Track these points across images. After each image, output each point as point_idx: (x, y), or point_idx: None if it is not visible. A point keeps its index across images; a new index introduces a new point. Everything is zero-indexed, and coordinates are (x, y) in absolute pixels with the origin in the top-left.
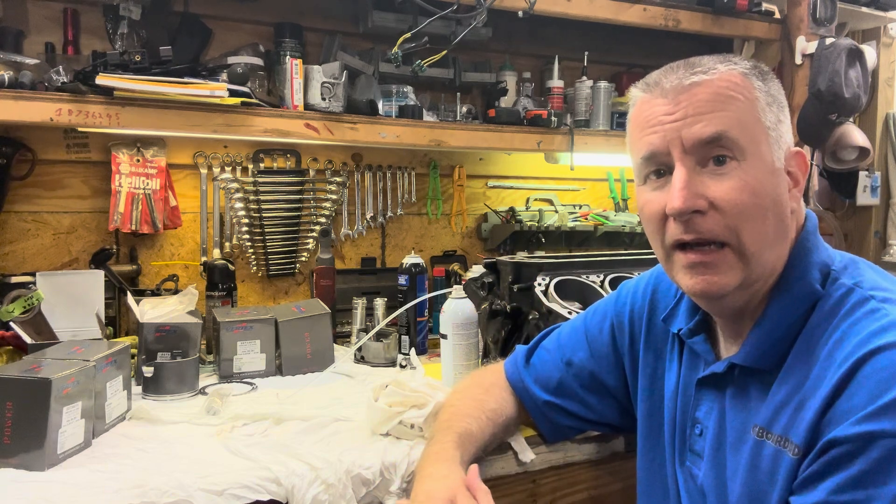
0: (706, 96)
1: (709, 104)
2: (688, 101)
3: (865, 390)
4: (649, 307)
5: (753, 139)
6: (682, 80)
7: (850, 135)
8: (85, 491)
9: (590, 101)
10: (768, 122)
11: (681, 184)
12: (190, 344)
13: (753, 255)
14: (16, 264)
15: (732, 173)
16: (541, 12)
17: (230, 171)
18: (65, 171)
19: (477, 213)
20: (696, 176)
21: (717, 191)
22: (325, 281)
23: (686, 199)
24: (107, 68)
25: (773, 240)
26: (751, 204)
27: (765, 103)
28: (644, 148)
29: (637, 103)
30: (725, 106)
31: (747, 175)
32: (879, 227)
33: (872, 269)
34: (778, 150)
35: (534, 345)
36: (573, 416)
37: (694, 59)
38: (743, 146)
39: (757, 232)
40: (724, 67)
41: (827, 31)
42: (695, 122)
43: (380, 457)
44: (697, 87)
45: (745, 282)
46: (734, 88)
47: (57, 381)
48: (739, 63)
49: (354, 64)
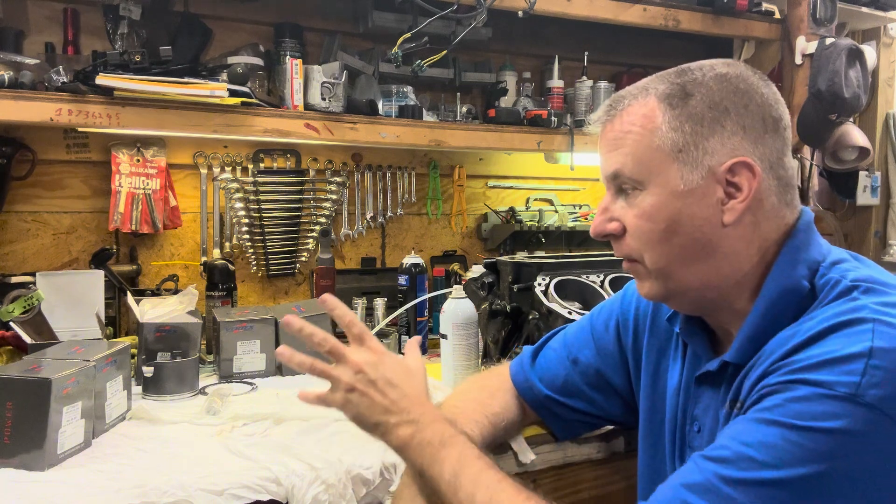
0: (612, 135)
1: (612, 143)
2: (604, 139)
3: (808, 353)
4: (654, 306)
5: (650, 169)
6: (601, 118)
7: (850, 135)
8: (85, 491)
9: (590, 101)
10: (675, 146)
11: (599, 210)
12: (190, 344)
13: (661, 271)
14: (16, 264)
15: (634, 201)
16: (541, 12)
17: (230, 171)
18: (65, 171)
19: (477, 213)
20: (615, 202)
21: (626, 216)
22: (325, 281)
23: (596, 225)
24: (107, 68)
25: (685, 258)
26: (647, 229)
27: (669, 129)
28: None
29: None
30: (622, 143)
31: (644, 202)
32: (879, 227)
33: (866, 265)
34: (692, 171)
35: (540, 345)
36: (580, 413)
37: (627, 88)
38: (638, 178)
39: (658, 253)
40: (640, 99)
41: (827, 31)
42: (605, 159)
43: (380, 457)
44: (609, 124)
45: (672, 291)
46: (635, 122)
47: (57, 381)
48: (660, 87)
49: (354, 64)
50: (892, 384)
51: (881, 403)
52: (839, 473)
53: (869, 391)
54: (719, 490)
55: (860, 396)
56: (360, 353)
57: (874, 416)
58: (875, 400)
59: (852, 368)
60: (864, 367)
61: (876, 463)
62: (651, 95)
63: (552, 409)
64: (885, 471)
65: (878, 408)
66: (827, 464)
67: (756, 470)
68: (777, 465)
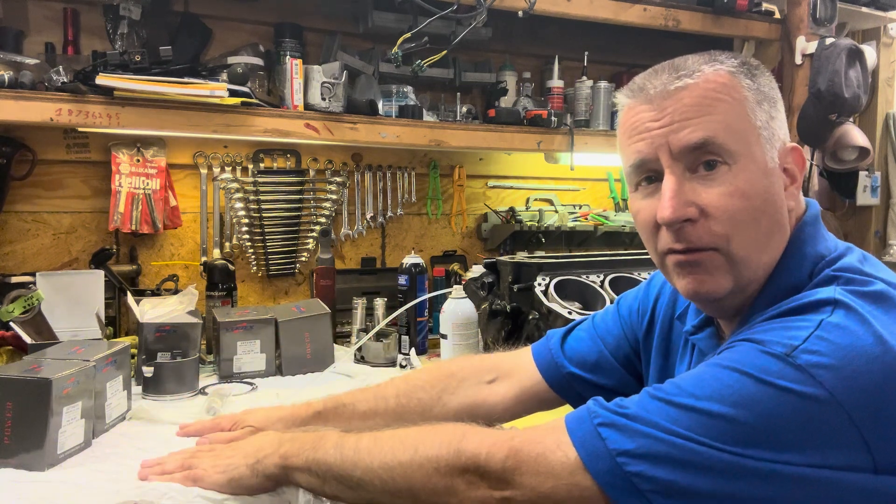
0: (692, 100)
1: (694, 108)
2: (673, 108)
3: (766, 327)
4: (670, 301)
5: (743, 141)
6: (666, 85)
7: (850, 135)
8: (85, 491)
9: (590, 101)
10: (759, 122)
11: (670, 193)
12: (190, 344)
13: (743, 259)
14: (16, 264)
15: (722, 178)
16: (541, 12)
17: (230, 171)
18: (65, 171)
19: (477, 213)
20: (685, 183)
21: (707, 197)
22: (325, 281)
23: (675, 209)
24: (107, 68)
25: (766, 242)
26: (741, 208)
27: (754, 102)
28: (632, 156)
29: (625, 109)
30: (712, 110)
31: (737, 179)
32: (879, 227)
33: (868, 260)
34: (771, 149)
35: (568, 329)
36: (603, 391)
37: (679, 60)
38: (732, 150)
39: (747, 237)
40: (710, 68)
41: (827, 31)
42: (681, 127)
43: None
44: (683, 92)
45: (737, 286)
46: (721, 90)
47: (57, 381)
48: (726, 62)
49: (354, 64)
50: (832, 356)
51: (812, 369)
52: (756, 422)
53: (803, 355)
54: (643, 400)
55: (793, 357)
56: None
57: (803, 377)
58: (807, 364)
59: (795, 335)
60: (808, 335)
61: (794, 423)
62: (723, 68)
63: (575, 388)
64: (799, 432)
65: (807, 371)
66: (747, 410)
67: (682, 397)
68: (700, 396)
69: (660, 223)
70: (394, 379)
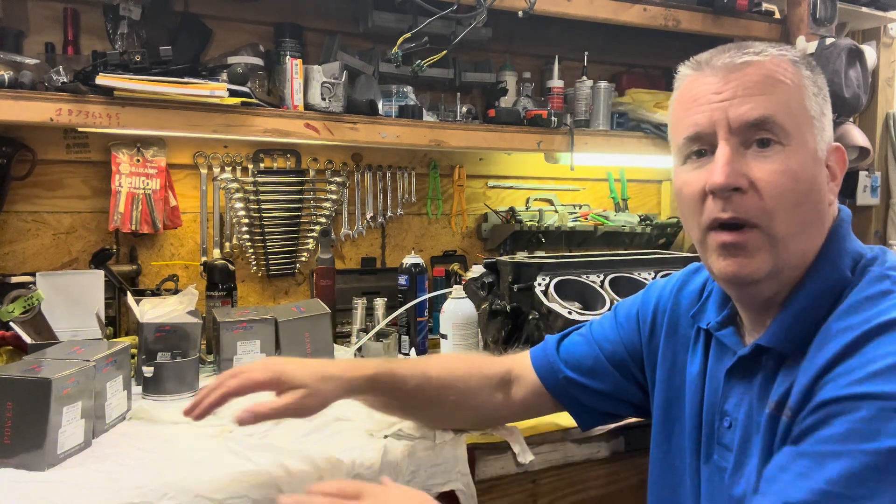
0: (757, 77)
1: (758, 86)
2: (738, 81)
3: (862, 358)
4: (674, 303)
5: (799, 125)
6: (733, 58)
7: (850, 135)
8: (85, 491)
9: (590, 101)
10: (814, 112)
11: (724, 160)
12: (190, 344)
13: (783, 239)
14: (16, 264)
15: (776, 156)
16: (541, 12)
17: (230, 171)
18: (65, 171)
19: (477, 213)
20: (739, 156)
21: (759, 171)
22: (325, 281)
23: (728, 174)
24: (107, 68)
25: (805, 227)
26: (790, 188)
27: (811, 92)
28: (689, 128)
29: (685, 81)
30: (774, 89)
31: (790, 160)
32: (879, 227)
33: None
34: (821, 141)
35: (565, 334)
36: (599, 395)
37: (745, 42)
38: (788, 131)
39: (790, 217)
40: (776, 52)
41: (827, 31)
42: (743, 102)
43: (380, 457)
44: (749, 67)
45: (775, 268)
46: (784, 73)
47: (57, 381)
48: (790, 51)
49: (354, 64)
50: None
51: None
52: None
53: None
54: None
55: None
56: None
57: None
58: None
59: None
60: None
61: None
62: (787, 54)
63: (572, 393)
64: None
65: None
66: None
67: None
68: (870, 496)
69: (709, 190)
70: (432, 360)
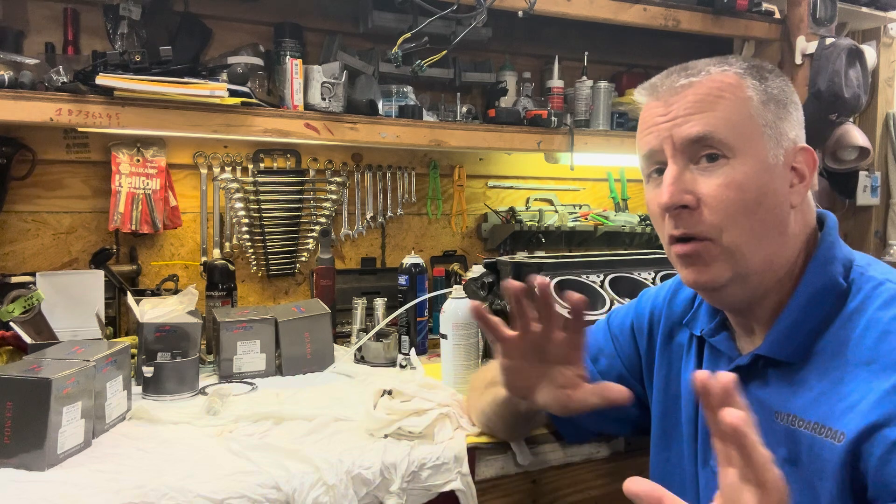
0: (695, 98)
1: (697, 105)
2: (678, 103)
3: None
4: (667, 311)
5: (743, 136)
6: (674, 83)
7: (850, 135)
8: (85, 491)
9: (590, 101)
10: (763, 120)
11: (669, 180)
12: (190, 344)
13: (736, 249)
14: (16, 264)
15: (719, 171)
16: (541, 12)
17: (230, 171)
18: (65, 171)
19: (477, 213)
20: (686, 173)
21: (705, 187)
22: (325, 281)
23: (672, 194)
24: (107, 68)
25: (763, 234)
26: (736, 199)
27: (759, 102)
28: (643, 147)
29: (643, 107)
30: (713, 106)
31: (735, 172)
32: (879, 227)
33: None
34: (775, 147)
35: None
36: (593, 414)
37: (691, 62)
38: (731, 144)
39: (741, 227)
40: (718, 69)
41: (827, 31)
42: (684, 121)
43: (380, 457)
44: (687, 90)
45: (736, 275)
46: (724, 89)
47: (57, 381)
48: (735, 64)
49: (354, 64)
50: None
51: None
52: None
53: None
54: None
55: None
56: None
57: None
58: None
59: None
60: None
61: None
62: (730, 70)
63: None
64: None
65: None
66: None
67: None
68: None
69: (659, 209)
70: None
